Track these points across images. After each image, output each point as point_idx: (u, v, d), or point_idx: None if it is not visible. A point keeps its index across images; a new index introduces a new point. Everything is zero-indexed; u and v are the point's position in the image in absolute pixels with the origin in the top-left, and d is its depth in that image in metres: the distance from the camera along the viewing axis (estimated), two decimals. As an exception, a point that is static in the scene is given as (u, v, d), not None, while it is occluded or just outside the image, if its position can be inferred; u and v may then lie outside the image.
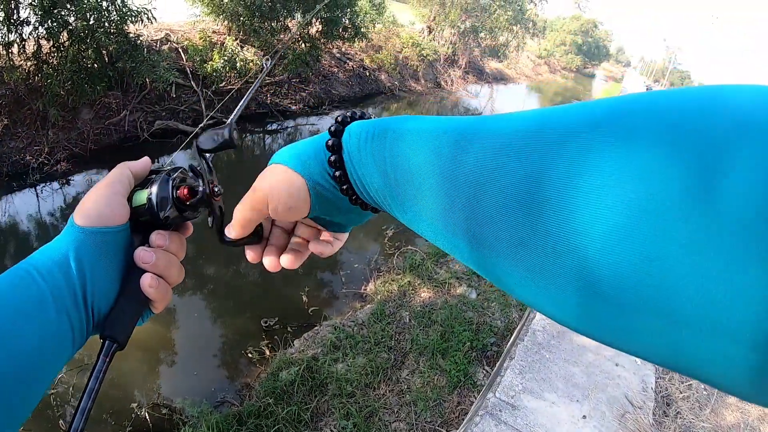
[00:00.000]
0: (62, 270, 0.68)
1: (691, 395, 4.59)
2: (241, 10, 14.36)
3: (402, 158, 0.57)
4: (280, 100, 15.62)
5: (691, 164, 0.31)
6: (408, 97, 23.29)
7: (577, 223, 0.36)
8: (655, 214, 0.32)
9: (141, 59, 10.72)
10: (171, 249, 0.79)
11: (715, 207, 0.30)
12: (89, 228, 0.71)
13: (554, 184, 0.38)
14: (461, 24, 30.16)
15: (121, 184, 0.77)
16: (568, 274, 0.37)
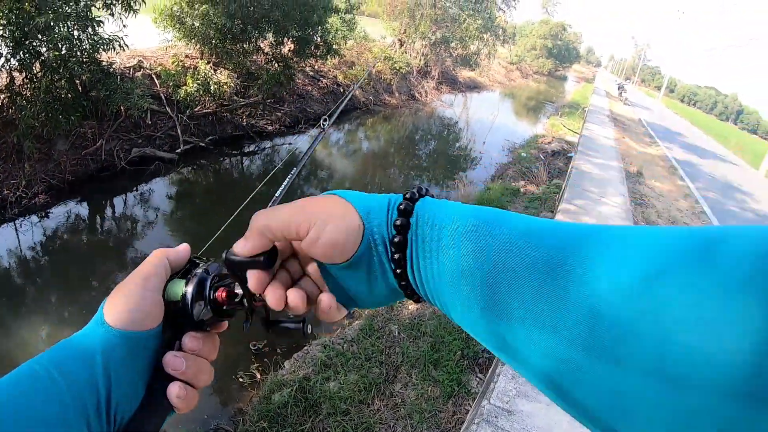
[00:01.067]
0: (87, 374, 0.64)
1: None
2: (213, 33, 14.38)
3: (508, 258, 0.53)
4: (255, 121, 15.61)
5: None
6: (383, 111, 23.36)
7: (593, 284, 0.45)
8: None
9: (115, 87, 10.67)
10: (203, 353, 0.75)
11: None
12: (120, 331, 0.67)
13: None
14: (432, 35, 30.33)
15: (157, 278, 0.72)
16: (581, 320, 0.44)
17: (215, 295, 0.73)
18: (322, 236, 0.63)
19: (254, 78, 15.96)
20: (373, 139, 20.24)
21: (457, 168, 17.65)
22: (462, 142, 22.61)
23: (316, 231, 0.63)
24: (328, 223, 0.63)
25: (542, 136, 23.25)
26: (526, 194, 13.66)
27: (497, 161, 18.56)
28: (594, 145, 15.14)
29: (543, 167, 16.29)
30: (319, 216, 0.63)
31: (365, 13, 32.65)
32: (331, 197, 0.67)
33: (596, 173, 11.68)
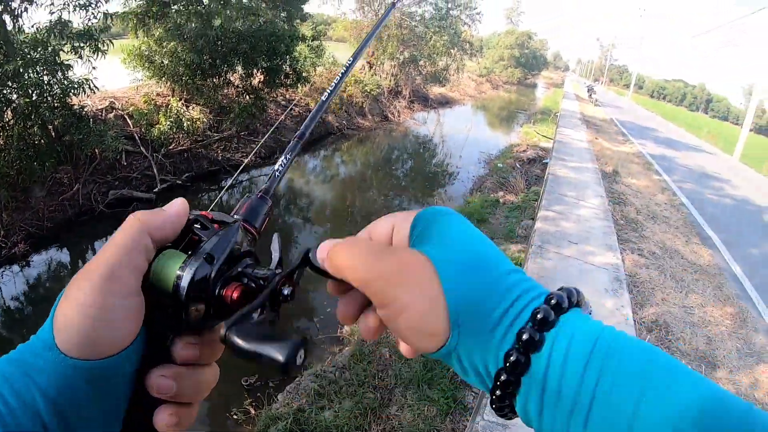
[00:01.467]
0: (32, 419, 0.47)
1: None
2: (182, 70, 14.40)
3: None
4: (231, 155, 15.59)
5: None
6: (357, 135, 23.41)
7: None
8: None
9: (87, 130, 10.61)
10: (201, 359, 0.59)
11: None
12: (77, 361, 0.49)
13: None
14: (400, 55, 30.55)
15: (131, 270, 0.53)
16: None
17: (224, 292, 0.57)
18: (392, 324, 0.53)
19: (227, 112, 15.97)
20: (349, 163, 20.28)
21: (435, 184, 17.72)
22: (438, 158, 22.70)
23: (389, 314, 0.52)
24: (401, 312, 0.51)
25: (517, 145, 23.40)
26: (505, 204, 13.73)
27: (474, 174, 18.65)
28: (568, 149, 15.26)
29: (520, 176, 16.40)
30: (399, 298, 0.50)
31: (332, 38, 32.83)
32: (425, 270, 0.51)
33: (573, 177, 11.77)
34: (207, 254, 0.57)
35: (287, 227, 13.08)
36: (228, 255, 0.59)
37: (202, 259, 0.56)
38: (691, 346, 5.25)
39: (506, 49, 73.93)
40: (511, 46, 74.25)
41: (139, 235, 0.54)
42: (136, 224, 0.55)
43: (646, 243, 8.40)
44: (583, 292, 0.54)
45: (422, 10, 32.92)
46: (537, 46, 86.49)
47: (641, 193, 12.19)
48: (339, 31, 32.04)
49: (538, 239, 7.31)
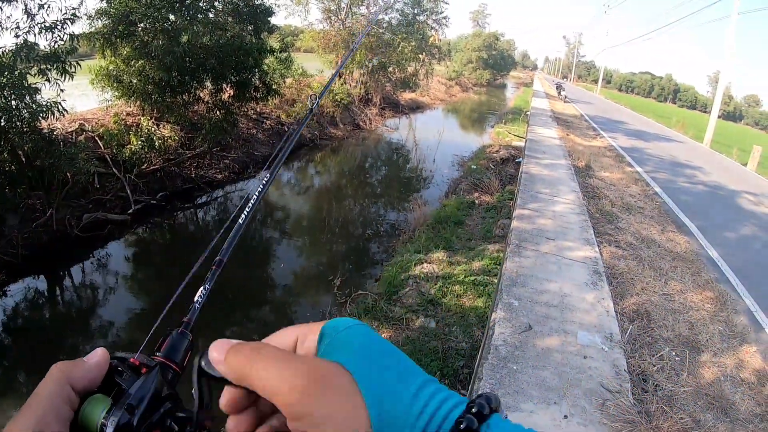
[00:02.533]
0: None
1: (664, 365, 4.71)
2: (151, 88, 14.32)
3: None
4: (204, 172, 15.53)
5: None
6: (330, 144, 23.45)
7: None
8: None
9: (58, 154, 10.45)
10: None
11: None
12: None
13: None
14: (369, 63, 30.64)
15: (57, 419, 0.53)
16: None
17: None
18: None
19: (198, 128, 15.90)
20: (324, 174, 20.30)
21: (410, 190, 17.77)
22: (412, 163, 22.81)
23: (303, 428, 0.48)
24: (319, 426, 0.47)
25: (489, 146, 23.56)
26: (481, 205, 13.80)
27: (449, 177, 18.77)
28: (540, 147, 15.37)
29: (494, 176, 16.50)
30: (318, 410, 0.47)
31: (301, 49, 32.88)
32: (345, 381, 0.49)
33: (546, 174, 11.85)
34: (128, 404, 0.57)
35: (264, 242, 13.04)
36: (149, 400, 0.59)
37: (123, 409, 0.56)
38: (674, 332, 5.30)
39: (474, 52, 74.42)
40: (478, 48, 74.74)
41: (60, 386, 0.55)
42: (57, 375, 0.56)
43: (623, 234, 8.47)
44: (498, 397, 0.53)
45: (389, 17, 33.06)
46: (505, 46, 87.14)
47: (615, 185, 12.31)
48: (307, 41, 32.00)
49: (515, 238, 7.35)
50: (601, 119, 30.47)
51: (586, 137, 20.77)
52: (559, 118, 25.87)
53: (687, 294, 6.42)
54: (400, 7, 33.27)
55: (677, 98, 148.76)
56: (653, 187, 13.03)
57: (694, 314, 5.85)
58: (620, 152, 18.15)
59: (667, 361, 4.77)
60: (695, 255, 8.28)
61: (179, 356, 0.70)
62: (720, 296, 6.56)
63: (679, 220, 10.41)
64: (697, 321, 5.69)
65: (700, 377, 4.61)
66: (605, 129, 25.20)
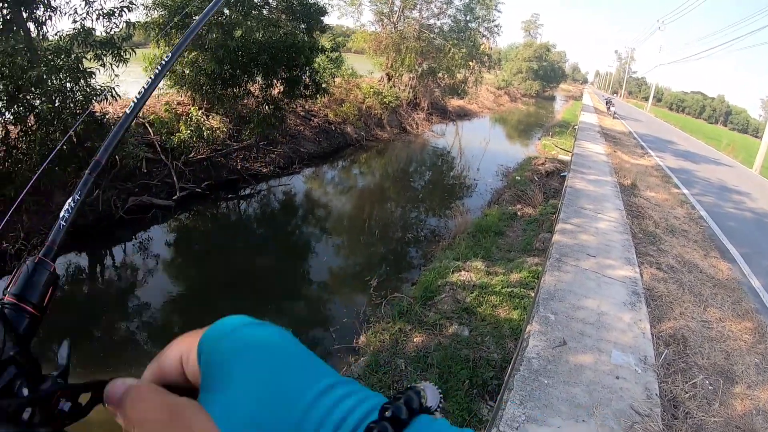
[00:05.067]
0: None
1: (697, 393, 4.61)
2: (203, 79, 14.54)
3: None
4: (250, 164, 15.71)
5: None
6: (376, 146, 23.53)
7: None
8: None
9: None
10: None
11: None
12: None
13: None
14: (418, 67, 30.64)
15: None
16: None
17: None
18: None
19: (246, 121, 16.10)
20: (367, 175, 20.35)
21: (453, 197, 17.72)
22: (456, 170, 22.74)
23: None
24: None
25: (535, 158, 23.36)
26: (523, 217, 13.71)
27: (492, 186, 18.66)
28: (587, 162, 15.20)
29: (538, 189, 16.37)
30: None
31: (352, 50, 32.98)
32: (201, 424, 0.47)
33: (591, 189, 11.72)
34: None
35: (304, 237, 13.14)
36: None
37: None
38: (709, 360, 5.20)
39: (524, 62, 73.88)
40: (529, 59, 74.17)
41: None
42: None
43: (665, 257, 8.32)
44: (428, 389, 0.49)
45: (441, 23, 33.06)
46: (555, 58, 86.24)
47: (660, 206, 12.10)
48: (358, 42, 32.12)
49: (556, 252, 7.28)
50: (650, 137, 29.96)
51: (634, 155, 20.45)
52: (607, 133, 25.52)
53: (725, 322, 6.28)
54: (452, 13, 33.25)
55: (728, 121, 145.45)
56: (699, 210, 12.77)
57: (731, 344, 5.72)
58: (667, 172, 17.82)
59: (700, 389, 4.68)
60: (737, 283, 8.09)
61: (36, 294, 0.59)
62: (759, 327, 6.40)
63: (723, 246, 10.18)
64: (733, 351, 5.57)
65: (731, 408, 4.52)
66: (653, 148, 24.78)
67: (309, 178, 17.47)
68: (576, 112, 43.28)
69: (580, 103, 57.05)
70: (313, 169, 18.36)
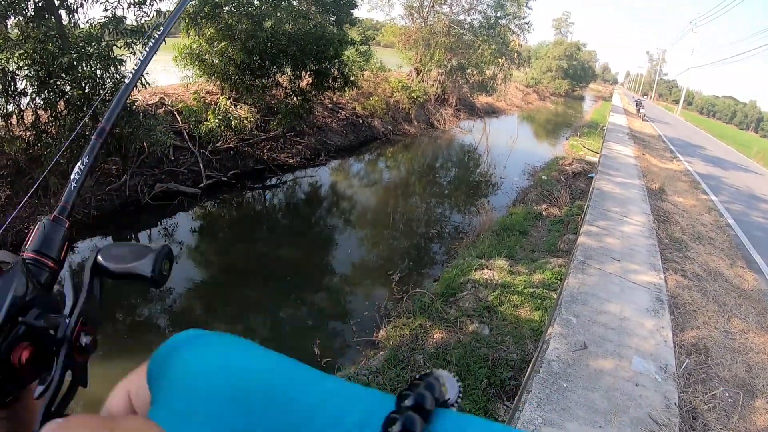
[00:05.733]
0: None
1: (716, 405, 4.56)
2: (232, 69, 14.63)
3: None
4: (277, 155, 15.78)
5: None
6: (403, 140, 23.50)
7: None
8: None
9: (138, 124, 10.85)
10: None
11: None
12: None
13: None
14: (447, 63, 30.54)
15: None
16: None
17: (11, 357, 0.48)
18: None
19: (274, 112, 16.17)
20: (393, 169, 20.36)
21: (478, 194, 17.64)
22: (482, 167, 22.62)
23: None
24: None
25: (562, 158, 23.18)
26: (548, 217, 13.63)
27: (518, 185, 18.57)
28: (614, 163, 15.06)
29: (564, 189, 16.25)
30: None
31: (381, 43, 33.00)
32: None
33: (618, 192, 11.61)
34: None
35: (328, 229, 13.17)
36: (9, 309, 0.49)
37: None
38: (731, 372, 5.13)
39: (554, 60, 73.19)
40: (559, 57, 73.44)
41: None
42: None
43: (690, 264, 8.23)
44: (446, 378, 0.42)
45: (471, 18, 32.89)
46: (585, 57, 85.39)
47: (687, 212, 11.96)
48: (388, 36, 32.06)
49: (580, 254, 7.23)
50: (679, 142, 29.61)
51: (663, 159, 20.22)
52: (636, 136, 25.25)
53: (749, 334, 6.20)
54: (482, 9, 33.06)
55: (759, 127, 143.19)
56: (726, 218, 12.59)
57: (753, 356, 5.64)
58: (696, 178, 17.61)
59: (719, 401, 4.63)
60: (762, 294, 7.97)
61: (54, 249, 0.61)
62: (783, 341, 6.33)
63: (750, 256, 10.03)
64: (755, 364, 5.49)
65: (750, 423, 4.46)
66: (682, 152, 24.49)
67: (335, 171, 17.52)
68: (605, 113, 42.87)
69: (609, 104, 56.47)
70: (340, 161, 18.41)
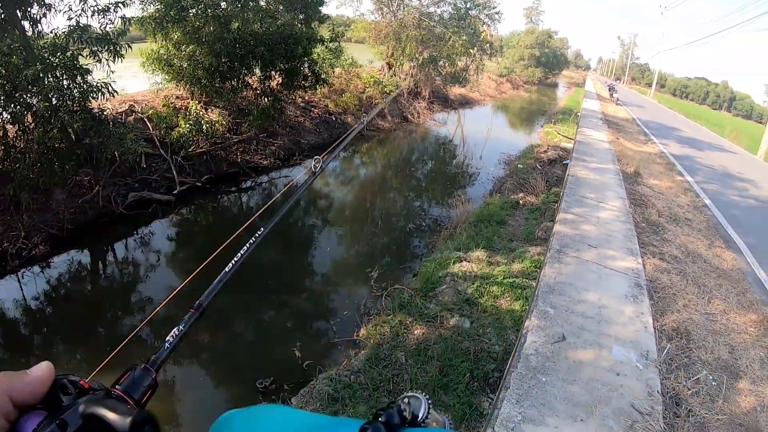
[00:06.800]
0: None
1: (700, 390, 4.54)
2: (201, 73, 14.49)
3: None
4: (250, 157, 15.66)
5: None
6: (377, 136, 23.45)
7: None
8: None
9: (107, 133, 10.72)
10: None
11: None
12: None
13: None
14: (419, 56, 30.47)
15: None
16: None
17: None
18: None
19: (245, 114, 16.06)
20: (369, 165, 20.31)
21: (455, 185, 17.61)
22: (458, 159, 22.63)
23: None
24: None
25: (537, 146, 23.25)
26: (525, 205, 13.63)
27: (494, 175, 18.60)
28: (589, 149, 15.08)
29: (540, 177, 16.29)
30: None
31: (352, 39, 32.81)
32: None
33: (593, 178, 11.62)
34: (60, 420, 0.54)
35: (305, 229, 13.10)
36: (86, 421, 0.54)
37: (54, 423, 0.53)
38: (713, 355, 5.11)
39: (526, 49, 73.37)
40: (531, 46, 73.64)
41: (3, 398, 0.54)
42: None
43: (668, 246, 8.23)
44: (414, 400, 0.47)
45: (441, 10, 32.84)
46: (557, 45, 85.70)
47: (663, 194, 11.99)
48: (358, 32, 31.93)
49: (556, 243, 7.20)
50: (653, 124, 29.76)
51: (637, 142, 20.31)
52: (609, 120, 25.36)
53: (730, 315, 6.20)
54: (452, 1, 33.01)
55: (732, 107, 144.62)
56: (703, 198, 12.64)
57: (735, 337, 5.63)
58: (671, 160, 17.68)
59: (703, 385, 4.60)
60: (742, 274, 7.98)
61: (138, 393, 0.68)
62: (764, 320, 6.30)
63: (728, 236, 10.05)
64: (738, 345, 5.48)
65: (735, 405, 4.44)
66: (657, 134, 24.59)
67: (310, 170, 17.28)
68: (578, 98, 43.11)
69: (582, 90, 56.82)
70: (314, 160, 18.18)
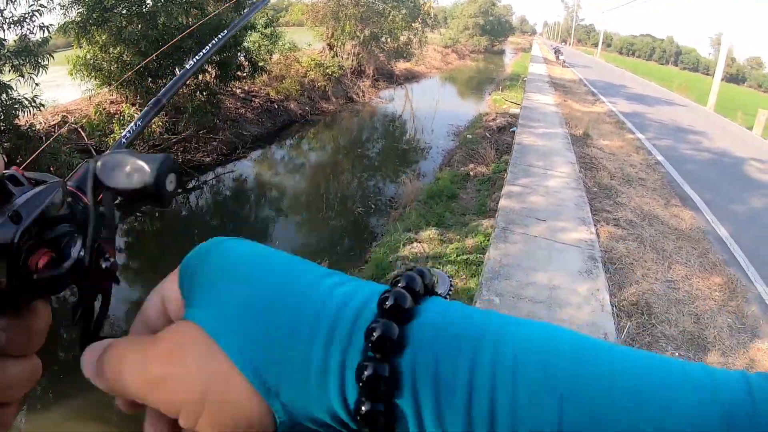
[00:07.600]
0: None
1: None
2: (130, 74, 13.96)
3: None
4: (191, 156, 15.16)
5: None
6: (323, 119, 23.00)
7: None
8: None
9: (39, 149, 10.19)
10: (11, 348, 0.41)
11: None
12: None
13: None
14: (360, 34, 30.01)
15: None
16: None
17: (29, 261, 0.42)
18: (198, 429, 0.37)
19: (182, 112, 15.53)
20: (318, 150, 19.96)
21: (407, 162, 17.35)
22: (409, 135, 22.36)
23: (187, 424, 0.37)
24: (195, 416, 0.37)
25: (486, 114, 23.02)
26: (476, 177, 13.38)
27: (444, 148, 18.36)
28: (535, 114, 14.89)
29: (489, 145, 16.04)
30: (183, 399, 0.37)
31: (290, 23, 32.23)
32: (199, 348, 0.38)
33: (540, 144, 11.40)
34: (14, 212, 0.43)
35: (253, 222, 12.76)
36: (40, 216, 0.44)
37: (6, 216, 0.43)
38: (678, 328, 4.87)
39: (470, 18, 73.50)
40: (474, 15, 73.78)
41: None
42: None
43: (623, 211, 8.02)
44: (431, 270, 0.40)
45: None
46: (502, 12, 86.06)
47: (615, 154, 11.84)
48: (296, 15, 31.36)
49: (501, 220, 6.91)
50: (601, 83, 29.86)
51: (585, 103, 20.24)
52: (556, 83, 25.31)
53: (693, 280, 5.97)
54: (390, -25, 32.53)
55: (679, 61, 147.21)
56: (656, 155, 12.52)
57: (700, 304, 5.41)
58: (620, 118, 17.63)
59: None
60: (702, 233, 7.80)
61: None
62: (729, 282, 6.10)
63: (684, 193, 9.89)
64: (703, 313, 5.25)
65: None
66: (605, 94, 24.64)
67: (255, 161, 17.02)
68: (525, 63, 43.17)
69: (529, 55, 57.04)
70: (260, 151, 17.85)
